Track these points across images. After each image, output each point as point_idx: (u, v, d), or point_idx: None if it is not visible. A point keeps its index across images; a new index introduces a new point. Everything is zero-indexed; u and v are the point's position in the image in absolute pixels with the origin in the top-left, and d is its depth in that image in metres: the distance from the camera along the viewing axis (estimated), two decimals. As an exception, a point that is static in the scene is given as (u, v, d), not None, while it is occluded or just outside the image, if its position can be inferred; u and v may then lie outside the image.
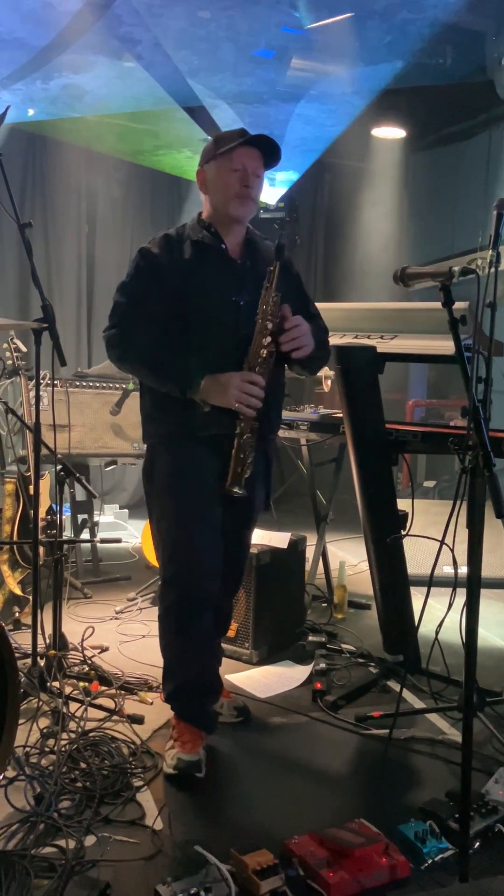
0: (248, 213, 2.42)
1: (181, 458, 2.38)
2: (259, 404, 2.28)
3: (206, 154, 2.45)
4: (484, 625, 3.51)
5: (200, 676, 2.48)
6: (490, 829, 2.09)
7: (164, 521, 2.42)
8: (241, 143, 2.34)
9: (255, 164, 2.38)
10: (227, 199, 2.38)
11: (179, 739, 2.42)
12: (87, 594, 4.17)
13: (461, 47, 5.05)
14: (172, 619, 2.44)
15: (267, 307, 2.30)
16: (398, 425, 3.08)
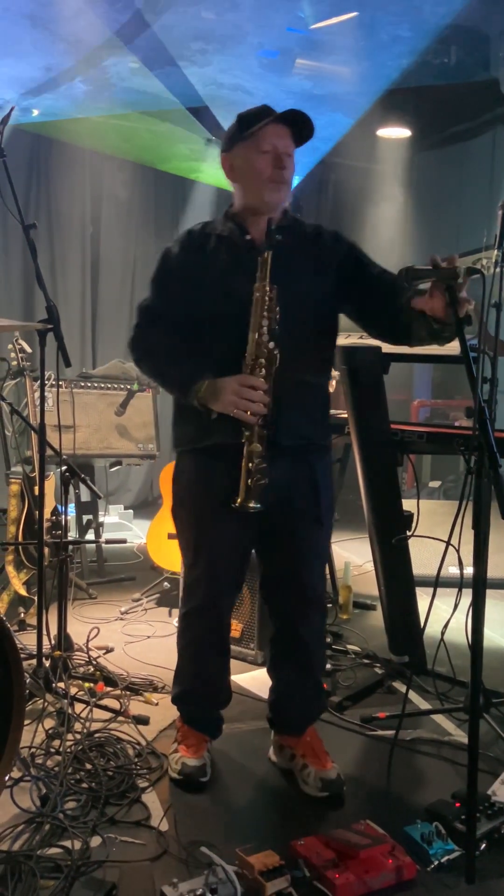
0: (284, 198, 2.24)
1: (195, 469, 2.31)
2: (261, 409, 2.09)
3: (230, 137, 2.25)
4: (489, 626, 3.49)
5: (207, 685, 2.44)
6: (496, 830, 2.08)
7: (183, 529, 2.38)
8: (268, 122, 2.15)
9: (285, 142, 2.18)
10: (260, 185, 2.19)
11: (184, 742, 2.41)
12: (92, 595, 4.18)
13: (466, 47, 5.04)
14: (186, 625, 2.42)
15: (262, 302, 2.09)
16: (403, 426, 3.08)
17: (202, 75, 4.99)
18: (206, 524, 2.30)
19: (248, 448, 2.12)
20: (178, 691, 2.46)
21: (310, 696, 2.47)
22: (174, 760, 2.37)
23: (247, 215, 2.26)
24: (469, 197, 6.60)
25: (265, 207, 2.21)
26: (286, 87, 5.23)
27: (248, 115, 2.22)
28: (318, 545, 2.39)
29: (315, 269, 2.24)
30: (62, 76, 4.90)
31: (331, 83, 5.25)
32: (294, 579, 2.36)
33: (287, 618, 2.41)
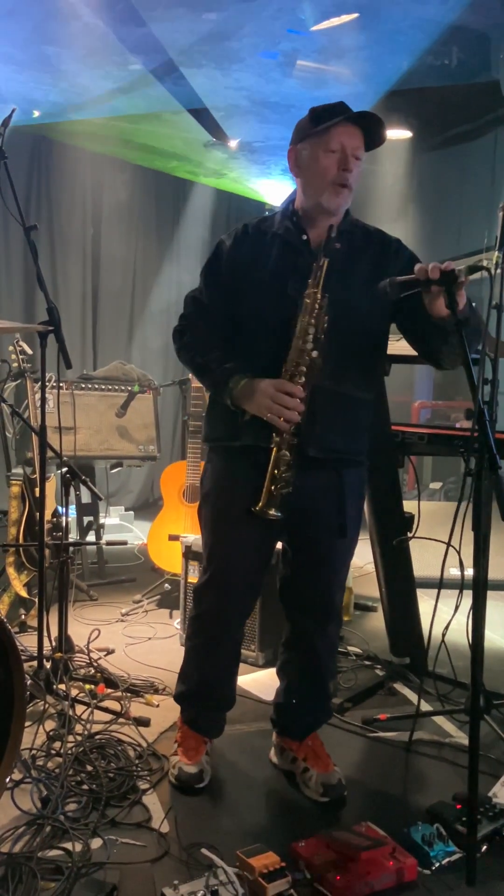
0: (344, 204, 2.16)
1: (223, 469, 2.28)
2: (295, 417, 2.03)
3: (301, 131, 2.16)
4: (490, 627, 3.50)
5: (210, 689, 2.42)
6: (497, 832, 2.08)
7: (206, 529, 2.36)
8: (340, 120, 2.06)
9: (355, 143, 2.09)
10: (321, 186, 2.11)
11: (183, 745, 2.40)
12: (93, 596, 4.18)
13: (467, 48, 5.04)
14: (194, 629, 2.41)
15: (311, 309, 2.04)
16: (404, 427, 3.07)
17: (202, 77, 5.00)
18: (225, 528, 2.27)
19: (276, 454, 2.07)
20: (181, 691, 2.45)
21: (316, 704, 2.47)
22: (172, 764, 2.37)
23: (307, 214, 2.19)
24: (470, 198, 6.60)
25: (322, 210, 2.15)
26: (287, 89, 5.23)
27: (322, 109, 2.13)
28: (340, 557, 2.35)
29: (371, 278, 2.10)
30: (62, 77, 4.91)
31: (332, 85, 5.25)
32: (314, 590, 2.34)
33: (303, 627, 2.40)
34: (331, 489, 2.23)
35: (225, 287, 2.22)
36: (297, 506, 2.15)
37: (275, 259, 2.17)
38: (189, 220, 6.98)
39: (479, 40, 4.93)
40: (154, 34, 4.43)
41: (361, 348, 2.20)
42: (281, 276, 2.14)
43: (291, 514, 2.15)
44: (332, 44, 4.73)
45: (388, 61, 5.01)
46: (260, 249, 2.20)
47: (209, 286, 2.27)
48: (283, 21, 4.52)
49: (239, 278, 2.19)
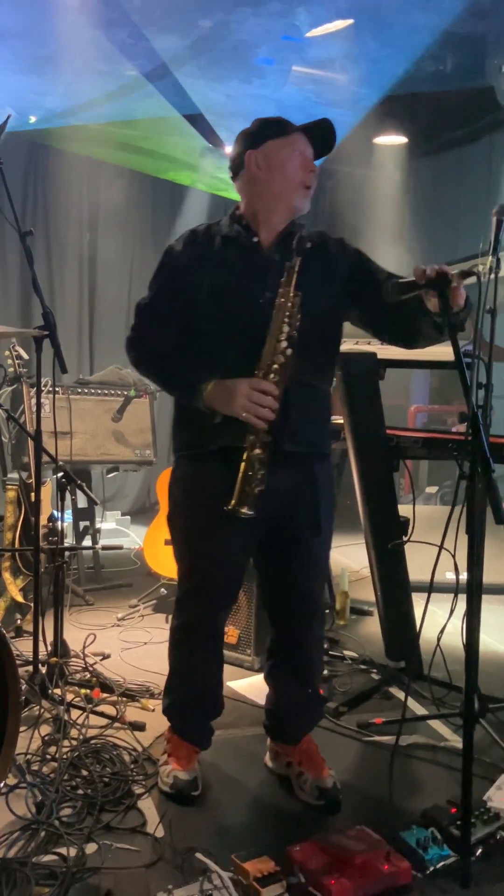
0: (307, 207, 2.23)
1: (196, 473, 2.26)
2: (270, 415, 2.05)
3: (260, 134, 2.19)
4: (486, 630, 3.51)
5: (200, 697, 2.41)
6: (492, 836, 2.08)
7: (180, 536, 2.34)
8: (300, 129, 2.16)
9: (310, 152, 2.19)
10: (290, 188, 2.17)
11: (174, 755, 2.37)
12: (89, 601, 4.17)
13: (461, 54, 5.06)
14: (179, 639, 2.39)
15: (284, 308, 2.08)
16: (399, 431, 3.08)
17: (198, 84, 5.01)
18: (204, 533, 2.24)
19: (250, 454, 2.08)
20: (170, 703, 2.43)
21: (308, 706, 2.47)
22: (165, 773, 2.33)
23: (256, 218, 2.22)
24: (466, 203, 6.62)
25: (289, 212, 2.20)
26: (282, 95, 5.25)
27: (275, 119, 2.22)
28: (317, 553, 2.37)
29: (322, 277, 2.20)
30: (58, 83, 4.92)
31: (327, 91, 5.28)
32: (294, 588, 2.34)
33: (287, 627, 2.41)
34: (305, 486, 2.26)
35: (182, 293, 2.21)
36: (273, 505, 2.16)
37: (231, 263, 2.20)
38: (185, 226, 6.93)
39: (474, 46, 4.95)
40: (148, 40, 4.45)
41: (324, 342, 2.27)
42: (240, 279, 2.18)
43: (268, 514, 2.16)
44: (328, 50, 4.75)
45: (383, 67, 5.04)
46: (213, 254, 2.21)
47: (165, 294, 2.26)
48: (279, 27, 4.55)
49: (196, 283, 2.19)
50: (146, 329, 2.28)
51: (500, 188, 6.04)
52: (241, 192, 2.27)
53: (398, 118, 6.20)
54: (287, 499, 2.22)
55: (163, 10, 4.23)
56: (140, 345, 2.29)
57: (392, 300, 2.04)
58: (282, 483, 2.17)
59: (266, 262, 2.17)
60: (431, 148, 6.95)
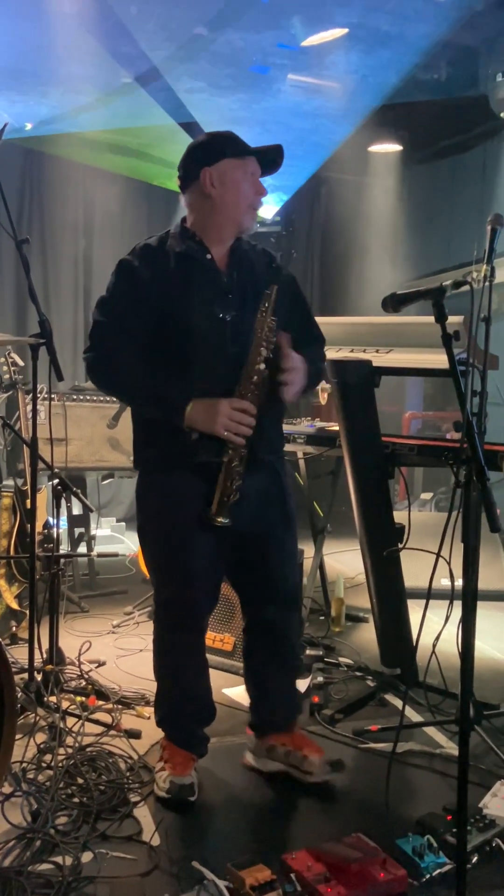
0: (255, 227, 2.32)
1: (171, 486, 2.28)
2: (249, 432, 2.17)
3: (214, 151, 2.24)
4: (481, 637, 3.51)
5: (192, 702, 2.42)
6: (488, 843, 2.08)
7: (155, 547, 2.36)
8: (254, 153, 2.24)
9: (258, 170, 2.27)
10: (241, 208, 2.24)
11: (170, 762, 2.37)
12: (84, 608, 4.17)
13: (455, 63, 5.10)
14: (166, 648, 2.41)
15: (262, 332, 2.18)
16: (394, 438, 3.09)
17: (193, 91, 5.03)
18: (182, 542, 2.28)
19: (228, 467, 2.19)
20: (164, 714, 2.44)
21: (293, 691, 2.58)
22: (161, 779, 2.33)
23: (206, 233, 2.27)
24: (460, 211, 6.65)
25: (237, 231, 2.28)
26: (278, 102, 5.27)
27: (228, 136, 2.28)
28: (291, 545, 2.49)
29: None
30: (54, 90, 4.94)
31: (322, 98, 5.30)
32: (275, 582, 2.43)
33: (271, 621, 2.45)
34: (273, 487, 2.39)
35: (144, 308, 2.20)
36: (249, 510, 2.28)
37: (191, 281, 2.23)
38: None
39: (468, 56, 4.99)
40: (143, 48, 4.46)
41: None
42: (202, 296, 2.22)
43: (246, 520, 2.28)
44: (323, 59, 4.78)
45: (378, 76, 5.06)
46: (171, 271, 2.23)
47: (128, 308, 2.22)
48: (274, 36, 4.57)
49: (159, 300, 2.20)
50: (111, 346, 2.24)
51: (494, 197, 6.07)
52: (191, 207, 2.32)
53: (393, 126, 6.23)
54: (258, 503, 2.33)
55: (158, 19, 4.25)
56: (107, 364, 2.26)
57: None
58: (252, 490, 2.28)
59: (223, 279, 2.26)
60: (426, 156, 6.99)
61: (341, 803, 2.34)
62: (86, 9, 4.09)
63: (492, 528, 1.76)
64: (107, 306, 2.26)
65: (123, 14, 4.20)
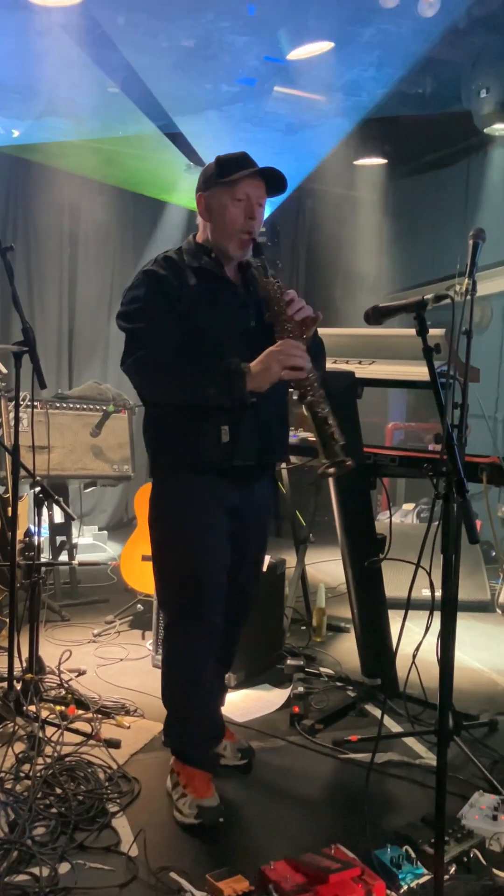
0: (247, 254, 2.31)
1: (192, 493, 2.27)
2: (306, 362, 2.13)
3: (207, 179, 2.30)
4: (460, 648, 3.53)
5: (209, 717, 2.40)
6: (465, 854, 2.09)
7: (172, 555, 2.33)
8: (246, 175, 2.23)
9: (258, 193, 2.27)
10: (229, 236, 2.27)
11: (190, 785, 2.32)
12: (65, 617, 4.15)
13: (440, 78, 5.15)
14: (176, 664, 2.37)
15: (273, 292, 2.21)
16: (376, 449, 3.10)
17: (179, 102, 5.05)
18: (204, 547, 2.28)
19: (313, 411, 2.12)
20: (179, 736, 2.39)
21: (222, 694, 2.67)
22: (186, 805, 2.27)
23: (218, 250, 2.32)
24: (443, 224, 6.71)
25: (229, 257, 2.31)
26: (263, 114, 5.30)
27: (228, 160, 2.29)
28: (263, 552, 2.59)
29: None
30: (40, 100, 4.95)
31: (308, 111, 5.34)
32: (250, 587, 2.52)
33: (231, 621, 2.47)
34: (270, 494, 2.48)
35: (173, 315, 2.22)
36: (255, 515, 2.37)
37: (216, 294, 2.28)
38: (166, 242, 7.02)
39: (452, 72, 5.05)
40: (129, 59, 4.48)
41: None
42: (227, 310, 2.29)
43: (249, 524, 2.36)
44: (309, 72, 4.82)
45: (363, 90, 5.11)
46: (192, 283, 2.26)
47: (164, 314, 2.22)
48: (261, 48, 4.61)
49: (190, 309, 2.23)
50: (161, 348, 2.21)
51: (477, 211, 6.13)
52: (201, 226, 2.38)
53: (378, 140, 6.28)
54: (263, 507, 2.43)
55: (146, 29, 4.27)
56: (158, 364, 2.22)
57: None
58: (263, 494, 2.40)
59: (240, 292, 2.33)
60: (410, 169, 7.05)
61: (320, 814, 2.34)
62: (73, 19, 4.10)
63: (471, 539, 1.78)
64: (141, 313, 2.24)
65: (110, 25, 4.22)
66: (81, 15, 4.11)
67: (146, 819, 2.27)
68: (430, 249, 6.82)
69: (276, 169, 2.27)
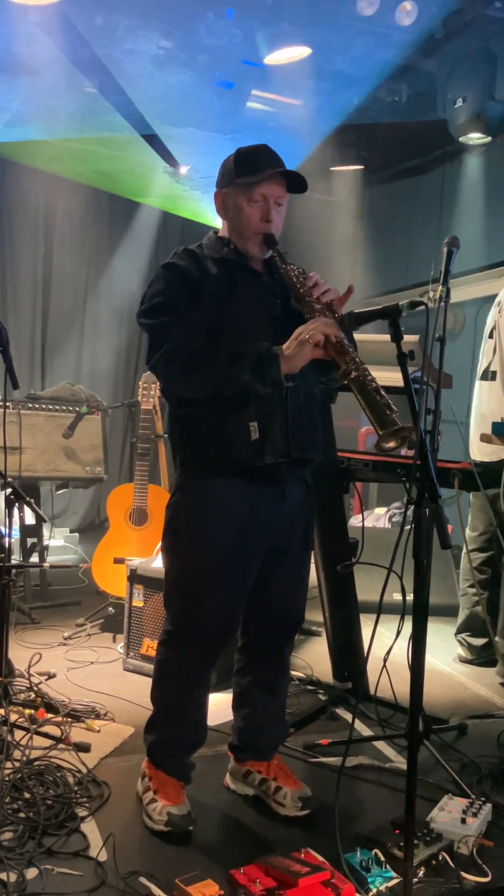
0: (264, 254, 2.25)
1: (215, 502, 2.19)
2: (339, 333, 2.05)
3: (226, 175, 2.24)
4: (431, 652, 3.53)
5: (189, 733, 2.36)
6: (434, 857, 2.10)
7: (184, 561, 2.25)
8: (265, 178, 2.17)
9: (277, 192, 2.20)
10: (245, 235, 2.21)
11: (161, 791, 2.29)
12: (35, 619, 4.11)
13: (416, 87, 5.20)
14: (169, 674, 2.32)
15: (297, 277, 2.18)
16: (349, 454, 3.12)
17: (155, 105, 5.04)
18: (213, 569, 2.20)
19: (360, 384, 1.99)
20: (157, 739, 2.35)
21: (280, 719, 2.54)
22: (156, 811, 2.24)
23: (237, 242, 2.26)
24: (418, 231, 6.76)
25: (247, 255, 2.25)
26: (241, 118, 5.31)
27: (247, 155, 2.23)
28: (306, 566, 2.44)
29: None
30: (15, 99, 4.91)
31: (285, 116, 5.36)
32: (287, 606, 2.39)
33: (271, 644, 2.43)
34: (305, 502, 2.34)
35: (196, 306, 2.16)
36: (286, 524, 2.27)
37: (239, 283, 2.22)
38: (141, 243, 7.00)
39: (428, 81, 5.09)
40: (106, 60, 4.47)
41: None
42: (251, 298, 2.21)
43: (281, 534, 2.27)
44: (287, 76, 4.84)
45: (340, 96, 5.14)
46: (214, 273, 2.21)
47: (189, 306, 2.16)
48: (239, 51, 4.61)
49: (213, 298, 2.17)
50: (189, 339, 2.13)
51: (452, 219, 6.18)
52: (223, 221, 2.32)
53: (354, 147, 6.32)
54: (291, 518, 2.30)
55: (123, 30, 4.25)
56: (187, 354, 2.12)
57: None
58: (295, 500, 2.29)
59: (265, 281, 2.27)
60: (386, 176, 7.09)
61: (290, 817, 2.34)
62: (50, 18, 4.08)
63: (442, 544, 1.79)
64: (164, 307, 2.16)
65: (87, 26, 4.20)
66: (58, 14, 4.08)
67: (116, 823, 2.26)
68: (404, 256, 6.87)
69: (295, 172, 2.22)
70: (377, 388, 1.98)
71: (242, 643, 2.47)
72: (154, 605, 3.40)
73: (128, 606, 3.50)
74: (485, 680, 3.60)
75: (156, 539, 3.47)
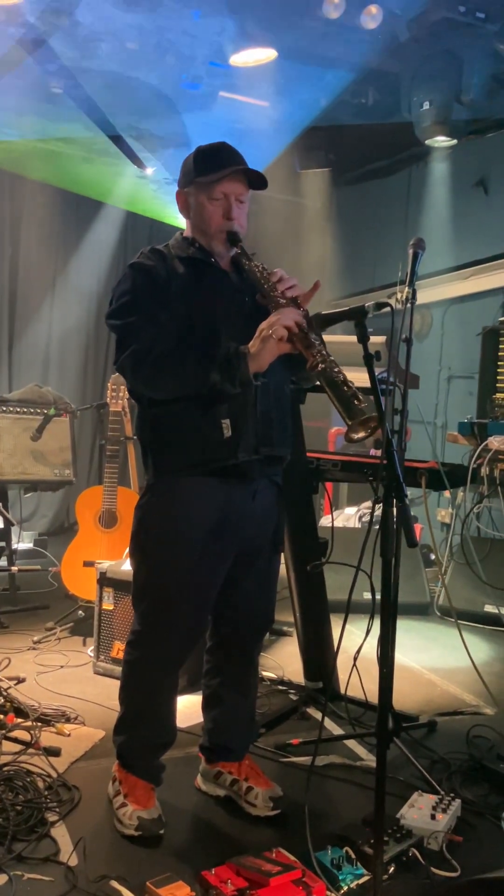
0: (229, 252, 2.25)
1: (187, 503, 2.18)
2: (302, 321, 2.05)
3: (186, 174, 2.25)
4: (401, 650, 3.58)
5: (158, 734, 2.35)
6: (405, 853, 2.12)
7: (153, 563, 2.24)
8: (224, 176, 2.17)
9: (238, 189, 2.21)
10: (208, 235, 2.22)
11: (132, 795, 2.28)
12: (4, 624, 4.07)
13: (382, 90, 5.23)
14: (136, 674, 2.31)
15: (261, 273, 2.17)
16: (319, 454, 3.13)
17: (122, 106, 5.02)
18: (203, 561, 2.20)
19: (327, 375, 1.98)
20: (126, 742, 2.34)
21: (251, 720, 2.55)
22: (126, 815, 2.23)
23: (203, 241, 2.27)
24: (385, 232, 6.81)
25: (213, 253, 2.25)
26: (208, 120, 5.31)
27: (206, 153, 2.24)
28: (275, 568, 2.45)
29: None
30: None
31: (252, 118, 5.36)
32: (257, 607, 2.41)
33: (241, 645, 2.43)
34: (275, 503, 2.34)
35: (165, 305, 2.15)
36: (255, 527, 2.27)
37: (206, 281, 2.22)
38: (110, 244, 6.97)
39: (394, 84, 5.13)
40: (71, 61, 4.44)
41: None
42: (219, 296, 2.22)
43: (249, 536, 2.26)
44: (253, 78, 4.85)
45: (306, 98, 5.16)
46: (181, 272, 2.21)
47: (156, 305, 2.15)
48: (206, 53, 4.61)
49: (181, 296, 2.17)
50: (149, 340, 2.11)
51: (418, 220, 6.24)
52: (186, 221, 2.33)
53: (321, 148, 6.34)
54: (262, 518, 2.30)
55: (89, 32, 4.23)
56: (150, 355, 2.10)
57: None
58: (260, 505, 2.27)
59: (232, 279, 2.27)
60: (353, 177, 7.13)
61: (261, 818, 2.34)
62: (13, 18, 4.04)
63: (409, 543, 1.81)
64: (132, 306, 2.15)
65: (51, 26, 4.17)
66: (21, 14, 4.05)
67: (86, 827, 2.24)
68: (371, 258, 6.91)
69: (254, 170, 2.22)
70: (345, 380, 1.97)
71: (212, 644, 2.47)
72: (124, 608, 3.39)
73: (98, 609, 3.48)
74: (454, 678, 3.64)
75: (125, 542, 3.45)
